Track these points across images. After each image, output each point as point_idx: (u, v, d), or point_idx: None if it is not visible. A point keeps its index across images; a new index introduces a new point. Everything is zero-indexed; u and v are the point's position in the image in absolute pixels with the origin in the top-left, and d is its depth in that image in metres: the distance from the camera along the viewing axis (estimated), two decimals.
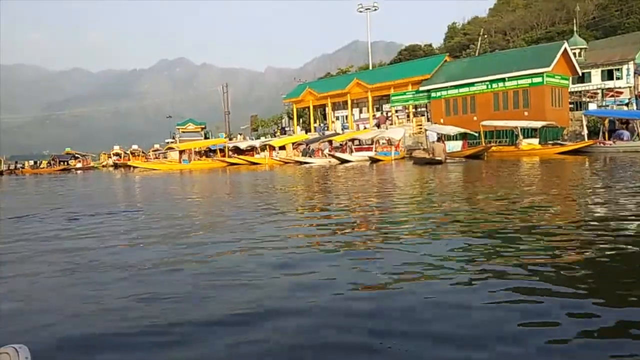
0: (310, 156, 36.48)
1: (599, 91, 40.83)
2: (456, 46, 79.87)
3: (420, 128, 39.95)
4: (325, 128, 49.70)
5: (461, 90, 37.27)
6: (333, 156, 33.73)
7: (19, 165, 63.73)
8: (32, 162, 65.73)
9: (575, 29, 49.93)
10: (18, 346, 1.74)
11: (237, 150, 43.40)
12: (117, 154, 68.13)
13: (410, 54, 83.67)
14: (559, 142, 30.77)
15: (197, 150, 45.57)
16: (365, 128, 44.00)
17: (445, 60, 41.85)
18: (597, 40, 50.41)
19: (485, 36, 58.08)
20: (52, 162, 62.84)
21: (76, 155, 65.98)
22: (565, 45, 34.91)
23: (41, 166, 63.23)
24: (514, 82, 34.54)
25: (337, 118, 50.06)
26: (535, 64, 33.70)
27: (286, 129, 59.91)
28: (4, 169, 59.92)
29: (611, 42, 46.34)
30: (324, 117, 53.76)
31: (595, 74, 42.19)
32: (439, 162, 25.31)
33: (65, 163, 62.28)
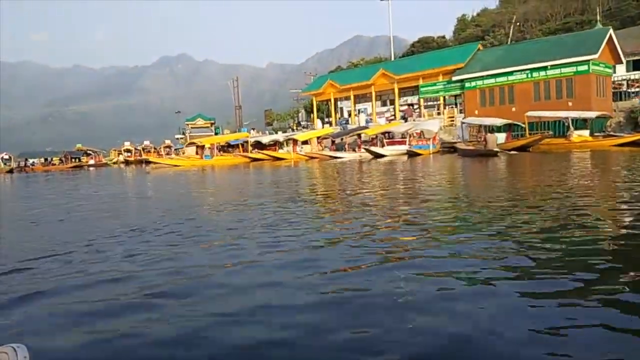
0: (345, 150, 34.79)
1: (624, 82, 38.72)
2: (469, 38, 77.95)
3: (452, 120, 38.11)
4: (345, 122, 47.85)
5: (498, 79, 35.34)
6: (368, 150, 31.92)
7: (29, 163, 61.93)
8: (42, 160, 63.89)
9: (598, 17, 48.00)
10: (17, 345, 1.72)
11: (259, 145, 41.57)
12: (127, 150, 66.20)
13: (423, 46, 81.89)
14: (611, 133, 28.92)
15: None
16: (390, 121, 42.15)
17: (478, 49, 39.91)
18: (618, 31, 48.39)
19: (518, 23, 55.85)
20: (63, 159, 60.99)
21: (88, 151, 64.11)
22: (611, 31, 33.02)
23: (52, 163, 61.44)
24: (557, 71, 32.61)
25: (359, 111, 48.18)
26: (580, 51, 31.75)
27: (302, 122, 58.12)
28: (14, 167, 58.24)
29: (632, 31, 44.35)
30: (337, 110, 51.86)
31: (620, 65, 39.94)
32: (494, 154, 23.76)
33: (77, 160, 60.55)
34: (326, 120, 51.28)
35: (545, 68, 33.09)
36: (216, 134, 64.87)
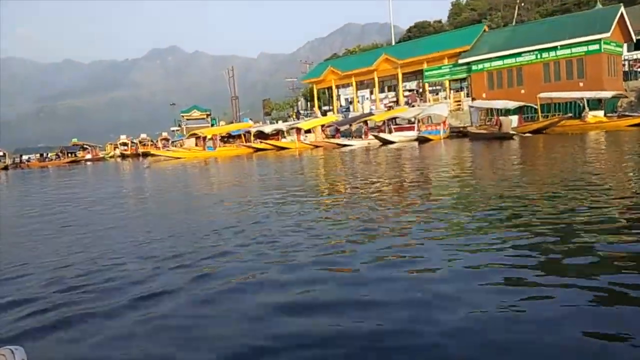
0: (353, 137, 34.00)
1: (626, 62, 37.93)
2: (465, 22, 77.10)
3: (459, 104, 37.31)
4: (346, 109, 46.99)
5: (506, 61, 34.54)
6: (377, 137, 31.11)
7: (24, 159, 60.70)
8: (38, 155, 62.58)
9: None
10: (14, 347, 1.71)
11: (261, 135, 40.60)
12: (124, 144, 65.09)
13: (420, 31, 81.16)
14: (626, 113, 28.23)
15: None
16: (389, 108, 41.33)
17: (484, 30, 39.03)
18: None
19: (523, 4, 54.87)
20: (60, 154, 59.78)
21: (84, 146, 62.88)
22: (622, 9, 32.21)
23: (49, 158, 60.20)
24: (567, 51, 31.83)
25: (360, 98, 47.29)
26: (591, 30, 30.98)
27: (301, 111, 57.09)
28: (9, 163, 57.02)
29: (632, 11, 43.75)
30: (331, 98, 50.91)
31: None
32: (510, 137, 23.18)
33: (74, 155, 59.31)
34: (324, 108, 50.36)
35: (555, 48, 32.31)
36: (212, 125, 63.87)
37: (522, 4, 54.76)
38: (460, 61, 37.17)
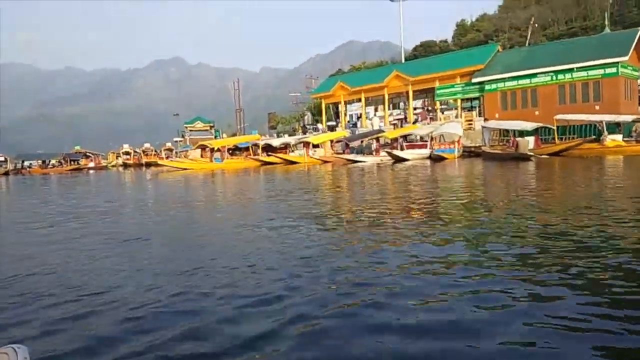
0: (364, 154, 33.46)
1: None
2: (471, 42, 77.37)
3: (471, 124, 36.88)
4: (353, 125, 46.60)
5: (520, 82, 34.22)
6: (390, 154, 30.59)
7: (26, 165, 59.94)
8: (40, 162, 61.81)
9: (606, 22, 47.22)
10: (17, 346, 1.71)
11: (269, 148, 40.10)
12: (126, 153, 64.56)
13: (426, 50, 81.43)
14: None
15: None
16: (394, 126, 40.99)
17: (498, 50, 38.79)
18: None
19: (537, 25, 54.90)
20: (62, 161, 59.11)
21: (87, 154, 62.27)
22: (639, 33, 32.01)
23: (52, 165, 59.44)
24: (584, 73, 31.54)
25: (367, 114, 46.93)
26: (609, 53, 30.71)
27: (308, 126, 56.71)
28: (11, 169, 56.27)
29: None
30: (337, 114, 50.51)
31: None
32: (527, 158, 22.81)
33: (76, 162, 58.62)
34: (328, 123, 49.98)
35: (571, 70, 32.02)
36: (215, 137, 63.53)
37: (536, 25, 54.75)
38: (474, 80, 36.87)
